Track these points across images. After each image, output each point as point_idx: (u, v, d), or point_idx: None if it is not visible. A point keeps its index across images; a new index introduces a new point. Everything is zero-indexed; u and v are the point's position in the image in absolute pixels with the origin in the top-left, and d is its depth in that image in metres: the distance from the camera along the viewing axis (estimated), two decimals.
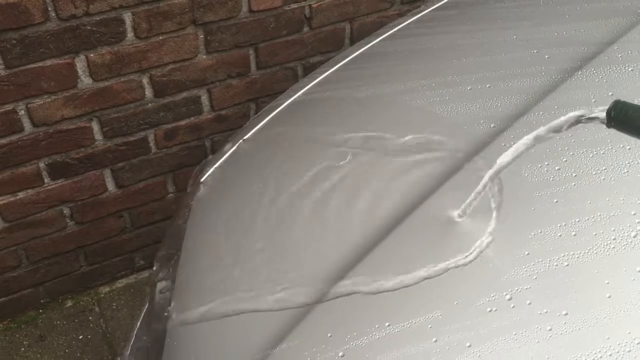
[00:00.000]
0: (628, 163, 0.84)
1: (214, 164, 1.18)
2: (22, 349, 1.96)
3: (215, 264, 1.00)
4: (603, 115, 0.67)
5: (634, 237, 0.76)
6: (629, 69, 0.97)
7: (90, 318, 2.05)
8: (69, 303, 2.09)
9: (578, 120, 0.70)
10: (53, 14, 1.50)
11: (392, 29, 1.32)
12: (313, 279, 0.86)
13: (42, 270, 1.98)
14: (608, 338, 0.68)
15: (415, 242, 0.85)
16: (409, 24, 1.31)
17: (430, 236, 0.85)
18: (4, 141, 1.65)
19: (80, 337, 2.00)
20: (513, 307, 0.74)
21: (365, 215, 0.92)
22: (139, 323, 1.30)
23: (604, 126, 0.68)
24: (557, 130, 0.71)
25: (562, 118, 0.71)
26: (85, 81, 1.65)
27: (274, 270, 0.92)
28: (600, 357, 0.67)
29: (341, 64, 1.25)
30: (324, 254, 0.89)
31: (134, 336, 1.27)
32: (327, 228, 0.94)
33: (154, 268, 1.16)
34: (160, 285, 1.07)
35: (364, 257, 0.85)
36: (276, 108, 1.21)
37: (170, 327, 0.97)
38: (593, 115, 0.69)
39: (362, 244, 0.87)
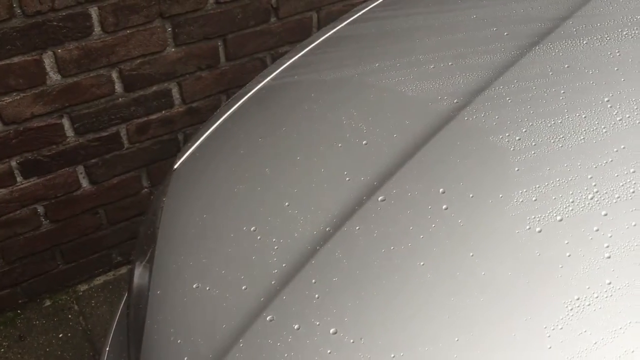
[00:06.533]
0: (584, 130, 0.87)
1: (186, 152, 1.19)
2: (2, 350, 1.95)
3: (192, 243, 1.02)
4: None
5: (591, 199, 0.79)
6: (584, 42, 1.01)
7: (70, 316, 2.05)
8: (48, 302, 2.09)
9: None
10: (18, 11, 1.50)
11: (356, 13, 1.34)
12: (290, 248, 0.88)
13: (19, 270, 1.98)
14: (567, 294, 0.72)
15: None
16: (372, 7, 1.33)
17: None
18: None
19: (60, 335, 1.99)
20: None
21: (325, 198, 0.94)
22: (117, 318, 1.31)
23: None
24: None
25: None
26: (54, 77, 1.65)
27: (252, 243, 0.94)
28: (563, 318, 0.71)
29: (308, 48, 1.27)
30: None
31: (113, 329, 1.28)
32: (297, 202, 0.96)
33: (132, 258, 1.17)
34: (138, 272, 1.08)
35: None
36: (246, 94, 1.22)
37: (150, 308, 0.98)
38: None
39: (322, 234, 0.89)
